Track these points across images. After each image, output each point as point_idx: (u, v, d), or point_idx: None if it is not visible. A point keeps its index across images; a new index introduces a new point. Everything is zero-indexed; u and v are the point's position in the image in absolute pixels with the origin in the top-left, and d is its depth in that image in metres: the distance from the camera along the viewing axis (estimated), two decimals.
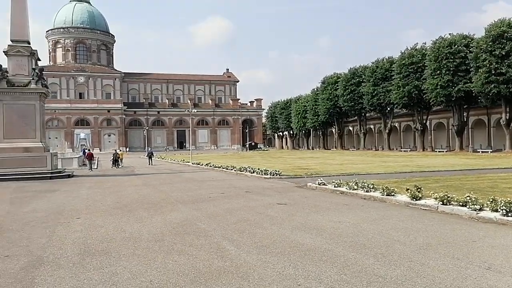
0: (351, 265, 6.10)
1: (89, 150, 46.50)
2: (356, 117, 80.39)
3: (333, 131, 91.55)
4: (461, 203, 10.24)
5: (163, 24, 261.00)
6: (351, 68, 75.42)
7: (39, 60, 29.02)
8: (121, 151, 51.15)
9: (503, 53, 44.98)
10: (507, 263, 6.05)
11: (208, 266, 6.21)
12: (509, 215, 8.97)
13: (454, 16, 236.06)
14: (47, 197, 15.87)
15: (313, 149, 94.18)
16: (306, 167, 29.30)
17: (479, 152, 52.93)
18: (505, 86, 45.23)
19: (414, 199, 11.53)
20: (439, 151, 58.76)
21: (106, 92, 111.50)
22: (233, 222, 9.72)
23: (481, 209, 9.69)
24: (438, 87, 52.52)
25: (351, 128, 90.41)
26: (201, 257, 6.70)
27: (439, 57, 52.50)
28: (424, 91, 55.81)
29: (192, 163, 38.30)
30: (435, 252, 6.73)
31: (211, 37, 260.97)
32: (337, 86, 77.68)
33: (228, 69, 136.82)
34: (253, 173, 24.34)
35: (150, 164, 41.73)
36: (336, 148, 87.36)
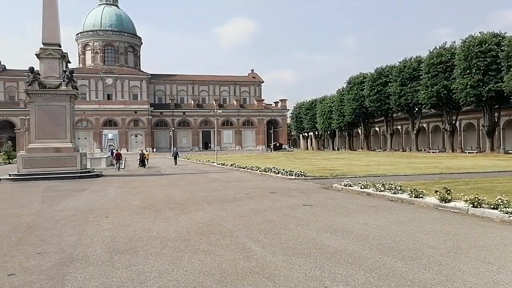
0: (378, 268, 6.00)
1: (117, 150, 47.50)
2: (382, 118, 79.24)
3: (359, 131, 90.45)
4: (492, 206, 9.98)
5: (189, 26, 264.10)
6: (377, 68, 74.34)
7: (69, 62, 29.78)
8: (147, 151, 52.07)
9: None
10: None
11: (233, 266, 6.23)
12: None
13: (484, 14, 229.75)
14: (77, 196, 16.27)
15: (338, 150, 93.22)
16: (331, 168, 29.05)
17: (510, 153, 51.33)
18: None
19: (443, 202, 11.28)
20: (469, 153, 57.25)
21: (133, 93, 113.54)
22: (258, 222, 9.73)
23: None
24: (468, 86, 51.21)
25: (377, 128, 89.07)
26: (227, 257, 6.73)
27: (469, 56, 51.18)
28: (453, 91, 54.52)
29: (217, 164, 38.54)
30: (466, 255, 6.55)
31: (236, 38, 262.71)
32: (363, 86, 76.76)
33: (252, 70, 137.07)
34: (278, 174, 24.31)
35: (175, 164, 42.26)
36: (362, 149, 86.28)
